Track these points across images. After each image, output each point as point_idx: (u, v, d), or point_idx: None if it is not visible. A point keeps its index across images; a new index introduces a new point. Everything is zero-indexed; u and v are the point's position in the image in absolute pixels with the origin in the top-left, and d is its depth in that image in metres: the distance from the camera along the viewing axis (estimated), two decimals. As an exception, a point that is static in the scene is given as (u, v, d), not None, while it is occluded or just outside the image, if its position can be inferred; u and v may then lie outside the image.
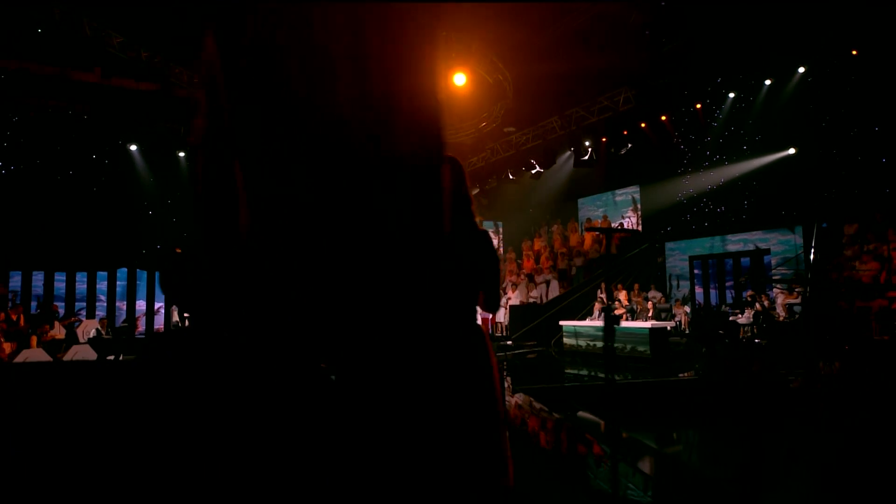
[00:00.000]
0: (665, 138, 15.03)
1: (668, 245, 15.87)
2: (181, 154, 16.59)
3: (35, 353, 8.81)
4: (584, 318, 13.62)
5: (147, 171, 16.55)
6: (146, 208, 16.92)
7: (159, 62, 12.11)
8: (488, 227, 21.13)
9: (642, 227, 17.23)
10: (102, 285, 16.45)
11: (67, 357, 9.67)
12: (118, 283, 16.58)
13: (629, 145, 14.84)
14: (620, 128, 14.66)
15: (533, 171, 15.45)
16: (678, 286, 15.56)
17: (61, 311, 14.74)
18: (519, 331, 15.13)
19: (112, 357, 11.41)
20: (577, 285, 15.51)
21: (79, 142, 15.23)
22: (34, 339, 9.90)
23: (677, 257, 15.65)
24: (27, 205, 15.04)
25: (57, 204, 15.45)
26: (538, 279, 16.44)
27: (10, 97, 13.04)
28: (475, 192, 16.49)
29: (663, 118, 14.53)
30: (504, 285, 16.83)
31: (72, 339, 11.31)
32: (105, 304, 16.37)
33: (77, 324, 11.93)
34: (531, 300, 15.90)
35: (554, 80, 11.27)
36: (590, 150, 14.47)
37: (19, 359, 8.58)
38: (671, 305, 13.32)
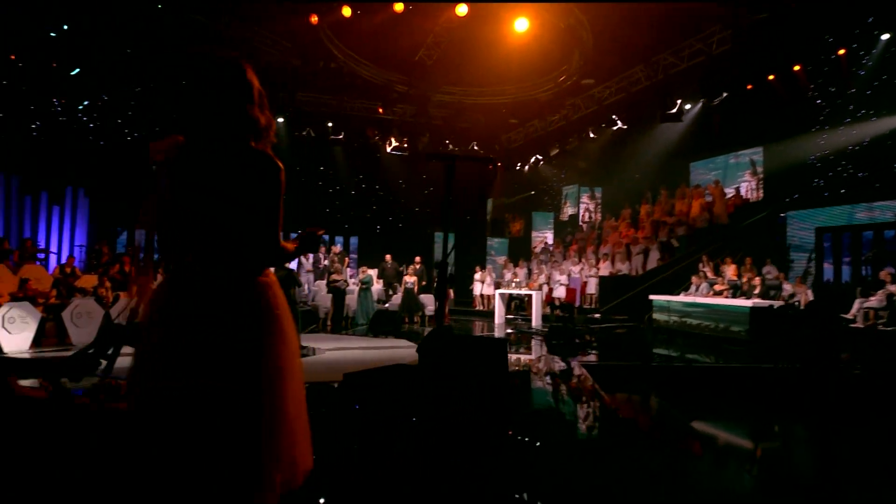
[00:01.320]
0: (794, 89, 12.87)
1: (792, 214, 13.77)
2: (280, 120, 17.17)
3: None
4: (681, 293, 12.28)
5: (249, 137, 17.35)
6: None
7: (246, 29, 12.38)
8: (584, 192, 19.84)
9: (763, 194, 15.15)
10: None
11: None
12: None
13: (724, 94, 12.86)
14: (716, 74, 12.69)
15: (614, 128, 13.98)
16: (810, 260, 13.47)
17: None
18: (610, 303, 14.06)
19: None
20: (678, 257, 14.03)
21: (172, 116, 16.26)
22: (134, 289, 10.77)
23: (802, 228, 13.54)
24: (146, 169, 16.41)
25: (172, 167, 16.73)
26: (635, 249, 15.11)
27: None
28: (555, 152, 15.37)
29: (796, 67, 12.42)
30: (598, 255, 15.73)
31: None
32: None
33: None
34: (625, 272, 14.69)
35: (637, 22, 9.92)
36: (678, 102, 12.75)
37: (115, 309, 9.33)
38: (789, 283, 11.55)
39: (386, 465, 3.74)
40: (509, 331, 12.67)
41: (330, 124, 15.98)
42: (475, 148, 15.82)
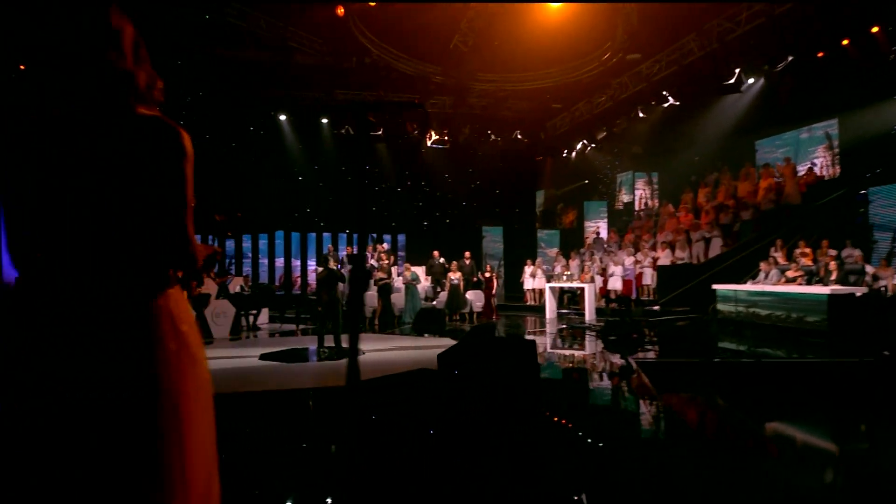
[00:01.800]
0: (872, 54, 11.61)
1: (874, 190, 12.47)
2: (324, 121, 17.22)
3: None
4: (747, 282, 11.33)
5: (295, 139, 17.53)
6: (296, 174, 18.04)
7: (281, 29, 12.38)
8: (640, 178, 18.86)
9: (840, 170, 13.83)
10: (263, 244, 18.07)
11: (209, 310, 10.54)
12: (276, 242, 18.06)
13: (788, 58, 11.68)
14: (780, 39, 11.53)
15: (665, 105, 13.03)
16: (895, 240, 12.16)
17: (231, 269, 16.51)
18: (669, 294, 13.23)
19: (253, 311, 12.30)
20: (744, 242, 13.00)
21: (237, 116, 16.54)
22: (185, 294, 10.96)
23: (886, 205, 12.22)
24: (200, 175, 16.84)
25: (223, 174, 17.10)
26: (695, 236, 14.15)
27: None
28: (602, 135, 14.55)
29: (875, 29, 11.19)
30: (655, 243, 14.86)
31: (223, 293, 12.42)
32: (266, 263, 17.98)
33: (229, 281, 13.08)
34: (685, 260, 13.78)
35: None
36: (737, 72, 11.70)
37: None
38: (872, 266, 10.41)
39: (390, 474, 3.40)
40: (562, 326, 12.11)
41: (376, 125, 15.81)
42: (518, 136, 15.23)
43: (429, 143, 15.58)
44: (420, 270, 17.09)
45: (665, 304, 13.08)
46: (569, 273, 13.93)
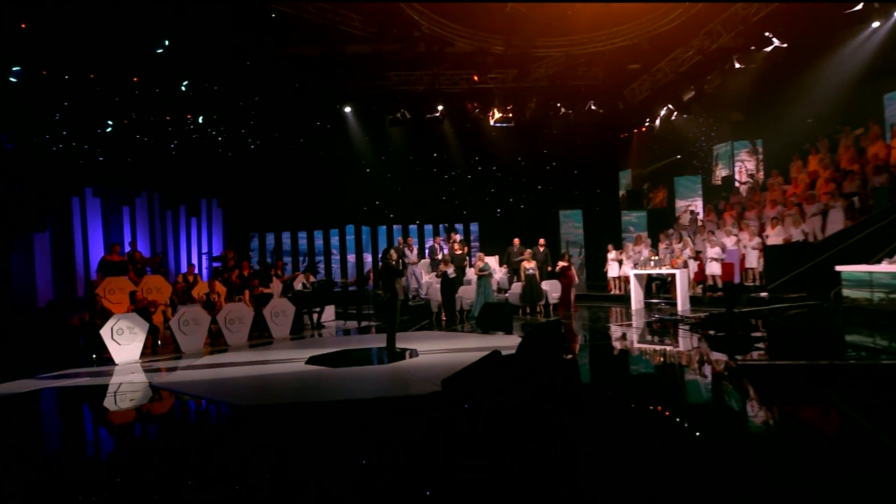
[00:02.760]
0: None
1: None
2: (399, 115, 16.63)
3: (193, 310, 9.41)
4: (882, 261, 9.33)
5: (361, 132, 17.09)
6: (364, 167, 17.63)
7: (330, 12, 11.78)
8: (741, 147, 16.66)
9: None
10: (335, 241, 17.86)
11: (267, 309, 10.22)
12: (347, 237, 17.79)
13: None
14: None
15: (768, 50, 10.96)
16: None
17: (289, 268, 16.47)
18: (779, 279, 11.36)
19: (317, 309, 11.92)
20: (875, 214, 10.84)
21: (303, 111, 16.34)
22: (247, 293, 10.77)
23: None
24: (270, 174, 16.91)
25: (293, 170, 17.05)
26: (810, 209, 12.08)
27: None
28: (689, 96, 12.62)
29: None
30: (761, 220, 12.90)
31: (288, 292, 12.18)
32: (338, 258, 17.77)
33: (295, 278, 12.85)
34: (798, 238, 11.78)
35: None
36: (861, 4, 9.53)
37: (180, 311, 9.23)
38: None
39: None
40: (655, 316, 10.68)
41: (440, 108, 14.89)
42: (592, 107, 13.68)
43: (492, 122, 14.40)
44: (494, 260, 16.15)
45: (774, 290, 11.24)
46: (657, 258, 12.38)
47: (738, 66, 11.76)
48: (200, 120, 14.98)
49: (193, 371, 7.42)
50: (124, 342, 8.26)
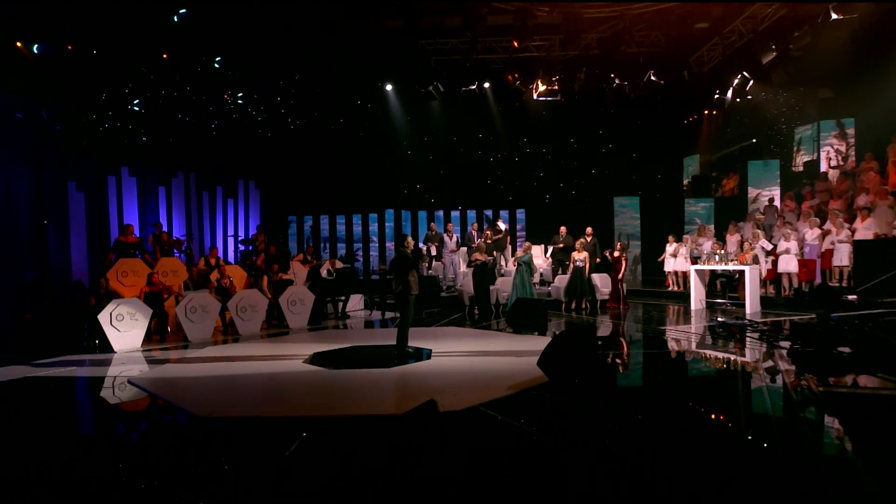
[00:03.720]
0: None
1: None
2: (431, 88, 15.63)
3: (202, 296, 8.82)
4: None
5: (402, 112, 16.20)
6: (405, 148, 16.76)
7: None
8: (829, 129, 14.58)
9: None
10: (374, 226, 17.14)
11: (284, 297, 9.56)
12: (387, 224, 17.02)
13: None
14: None
15: None
16: None
17: (326, 254, 15.89)
18: (871, 279, 9.64)
19: (341, 298, 11.19)
20: None
21: (343, 90, 15.60)
22: (265, 279, 10.16)
23: None
24: (309, 155, 16.35)
25: (332, 151, 16.42)
26: (913, 199, 10.19)
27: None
28: (769, 58, 10.73)
29: None
30: (851, 211, 11.07)
31: (314, 277, 11.52)
32: (377, 245, 17.05)
33: (321, 265, 12.19)
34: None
35: None
36: None
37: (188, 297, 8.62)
38: None
39: None
40: (720, 319, 9.27)
41: (487, 84, 13.57)
42: (652, 78, 12.04)
43: (535, 96, 13.02)
44: (539, 250, 14.95)
45: (866, 293, 9.55)
46: (722, 252, 10.84)
47: (834, 16, 9.69)
48: (241, 97, 14.53)
49: (181, 366, 6.79)
50: (124, 328, 7.77)
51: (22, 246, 12.37)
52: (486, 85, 14.94)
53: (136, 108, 13.53)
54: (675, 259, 12.70)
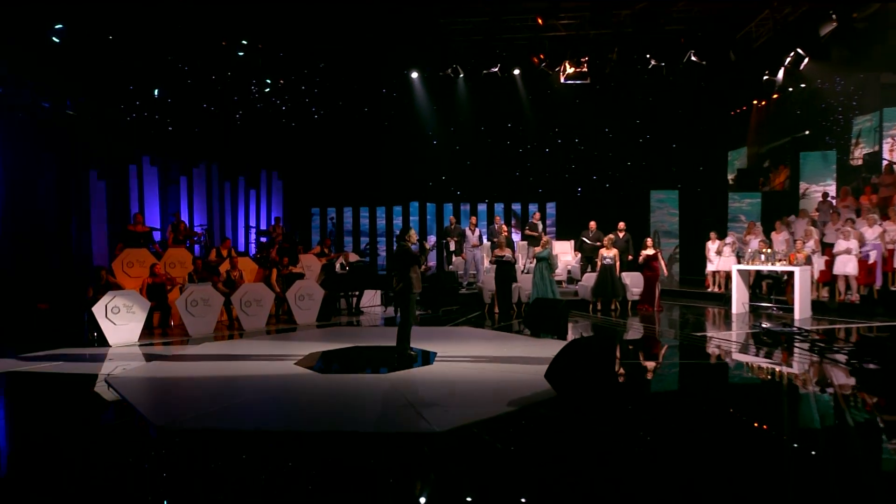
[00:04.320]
0: None
1: None
2: (460, 76, 14.95)
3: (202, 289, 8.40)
4: None
5: (428, 100, 15.59)
6: (430, 138, 16.16)
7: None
8: (892, 119, 13.22)
9: None
10: (398, 220, 16.63)
11: (291, 292, 9.13)
12: (411, 217, 16.48)
13: None
14: None
15: None
16: None
17: (348, 245, 15.48)
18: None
19: (355, 293, 10.71)
20: None
21: (368, 77, 15.09)
22: (274, 272, 9.75)
23: None
24: (333, 145, 15.93)
25: (356, 142, 15.96)
26: None
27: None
28: (828, 29, 9.51)
29: None
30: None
31: (327, 271, 11.07)
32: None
33: (336, 258, 11.73)
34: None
35: None
36: None
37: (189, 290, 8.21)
38: None
39: None
40: (764, 325, 8.36)
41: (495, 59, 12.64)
42: (693, 59, 10.97)
43: (562, 80, 12.09)
44: (568, 246, 14.14)
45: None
46: (769, 251, 9.84)
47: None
48: (267, 85, 14.22)
49: (168, 364, 6.39)
50: (120, 322, 7.44)
51: (47, 234, 12.39)
52: (516, 72, 14.24)
53: (159, 97, 13.39)
54: (717, 258, 11.71)
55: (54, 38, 10.75)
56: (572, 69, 11.42)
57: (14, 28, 10.66)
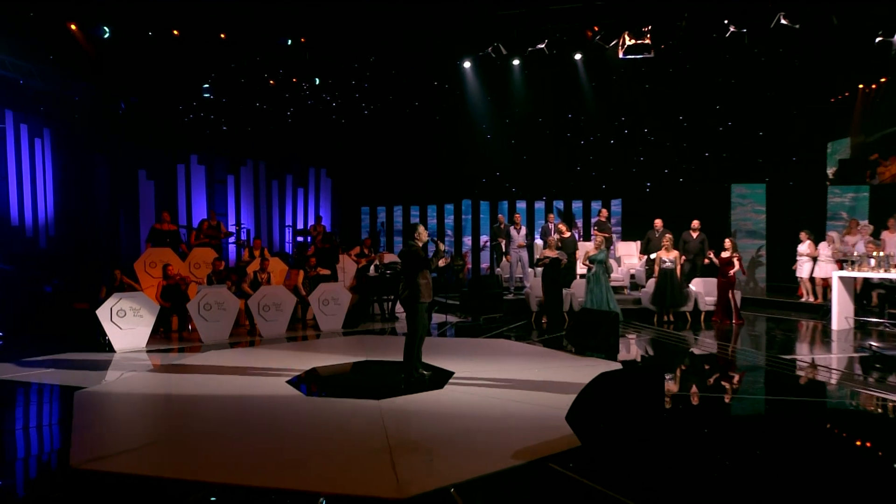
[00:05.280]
0: None
1: None
2: (515, 62, 13.83)
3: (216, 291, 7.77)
4: None
5: (481, 91, 14.57)
6: (483, 132, 15.12)
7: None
8: None
9: None
10: (450, 219, 15.71)
11: (314, 295, 8.42)
12: (463, 216, 15.52)
13: None
14: None
15: None
16: None
17: (397, 247, 14.70)
18: None
19: (390, 297, 9.91)
20: None
21: (418, 68, 14.29)
22: (301, 274, 9.11)
23: None
24: (383, 141, 15.28)
25: (407, 137, 15.23)
26: None
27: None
28: None
29: None
30: None
31: (361, 274, 10.33)
32: (452, 239, 15.61)
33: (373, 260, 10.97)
34: None
35: None
36: None
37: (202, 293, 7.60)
38: None
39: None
40: (874, 346, 6.75)
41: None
42: (783, 22, 9.11)
43: (621, 54, 10.53)
44: (633, 247, 12.66)
45: None
46: (880, 254, 8.05)
47: None
48: (316, 81, 13.79)
49: (151, 376, 5.81)
50: (126, 326, 6.98)
51: (99, 234, 12.52)
52: (578, 56, 12.96)
53: (210, 96, 13.25)
54: (812, 262, 9.93)
55: (104, 37, 10.67)
56: (632, 41, 9.96)
57: (68, 31, 10.72)
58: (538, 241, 11.90)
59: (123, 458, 3.43)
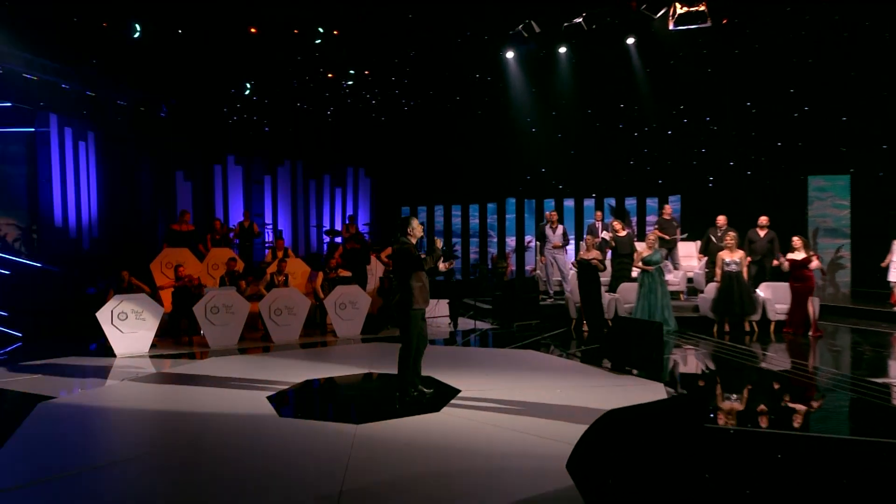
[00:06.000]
0: None
1: None
2: (561, 50, 12.87)
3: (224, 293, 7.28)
4: None
5: (525, 83, 13.68)
6: (528, 125, 14.19)
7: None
8: None
9: None
10: (493, 218, 14.86)
11: (330, 299, 7.85)
12: (507, 216, 14.63)
13: None
14: None
15: None
16: None
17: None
18: None
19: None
20: None
21: (459, 61, 13.59)
22: (320, 276, 8.57)
23: None
24: (423, 139, 14.67)
25: (448, 134, 14.55)
26: None
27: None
28: None
29: None
30: None
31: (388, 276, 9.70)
32: (495, 240, 14.75)
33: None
34: None
35: None
36: None
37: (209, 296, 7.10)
38: None
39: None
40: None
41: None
42: None
43: (671, 25, 9.27)
44: (692, 248, 11.37)
45: None
46: None
47: None
48: (351, 75, 13.38)
49: (129, 386, 5.30)
50: (128, 329, 6.62)
51: (140, 235, 12.57)
52: (630, 41, 11.90)
53: (249, 97, 13.11)
54: (907, 264, 8.44)
55: (138, 38, 10.60)
56: (683, 8, 8.79)
57: (109, 34, 10.72)
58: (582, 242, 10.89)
59: (45, 485, 2.88)
